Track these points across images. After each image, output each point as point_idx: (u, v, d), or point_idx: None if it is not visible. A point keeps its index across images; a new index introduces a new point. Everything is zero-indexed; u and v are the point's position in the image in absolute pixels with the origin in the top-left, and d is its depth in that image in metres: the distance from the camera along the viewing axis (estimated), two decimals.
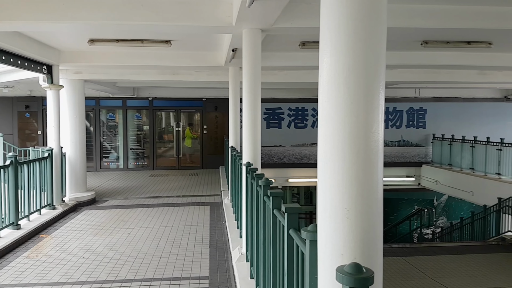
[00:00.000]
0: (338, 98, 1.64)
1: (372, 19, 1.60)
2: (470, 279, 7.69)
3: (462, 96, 15.87)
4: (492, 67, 10.13)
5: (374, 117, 1.63)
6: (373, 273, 1.36)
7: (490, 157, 12.18)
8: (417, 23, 5.77)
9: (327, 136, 1.68)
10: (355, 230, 1.61)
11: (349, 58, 1.61)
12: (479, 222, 11.39)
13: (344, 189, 1.63)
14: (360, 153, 1.62)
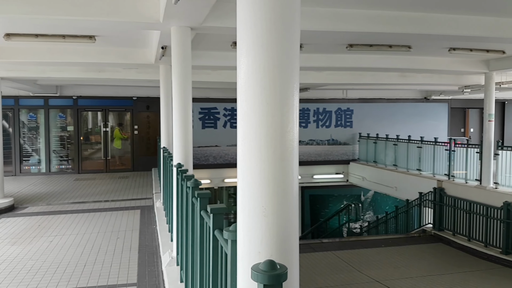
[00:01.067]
0: (254, 99, 1.65)
1: (285, 21, 1.63)
2: (394, 270, 8.21)
3: (386, 97, 16.93)
4: (412, 70, 10.92)
5: (289, 117, 1.66)
6: (287, 269, 1.37)
7: (411, 154, 13.11)
8: (341, 27, 6.03)
9: (245, 136, 1.68)
10: (272, 227, 1.61)
11: (264, 59, 1.62)
12: (402, 216, 12.21)
13: (261, 187, 1.63)
14: (276, 152, 1.63)
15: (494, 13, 6.17)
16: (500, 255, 8.70)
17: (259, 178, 1.62)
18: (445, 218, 10.59)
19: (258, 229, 1.62)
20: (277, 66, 1.62)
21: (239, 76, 1.72)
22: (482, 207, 9.38)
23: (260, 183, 1.62)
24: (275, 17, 1.60)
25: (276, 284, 1.34)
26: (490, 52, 8.81)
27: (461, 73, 11.39)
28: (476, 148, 10.62)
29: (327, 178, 16.54)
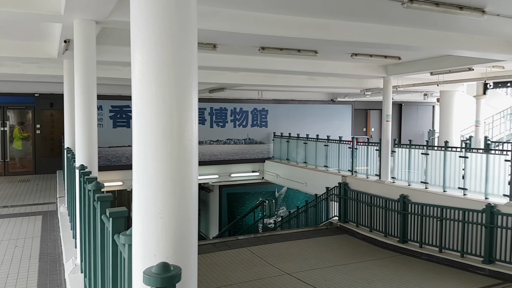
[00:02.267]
0: (150, 97, 1.62)
1: (180, 18, 1.62)
2: (304, 262, 8.63)
3: (297, 99, 17.73)
4: (319, 73, 11.57)
5: (187, 116, 1.66)
6: (181, 270, 1.38)
7: (319, 152, 13.91)
8: (252, 30, 6.17)
9: (141, 135, 1.65)
10: (168, 229, 1.61)
11: (160, 56, 1.60)
12: (312, 210, 12.89)
13: (157, 188, 1.61)
14: (173, 152, 1.62)
15: (390, 22, 6.77)
16: (398, 244, 9.61)
17: (155, 179, 1.60)
18: (349, 211, 11.40)
19: (154, 232, 1.60)
20: (174, 64, 1.61)
21: (134, 73, 1.67)
22: (382, 200, 10.28)
23: (156, 184, 1.60)
24: (170, 14, 1.58)
25: (168, 286, 1.33)
26: (387, 58, 9.69)
27: (363, 77, 12.34)
28: (376, 146, 11.58)
29: (244, 176, 16.84)
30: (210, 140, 16.30)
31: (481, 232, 8.02)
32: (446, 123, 15.08)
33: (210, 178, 16.12)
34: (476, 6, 5.51)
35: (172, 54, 1.62)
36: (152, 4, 1.60)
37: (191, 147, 1.69)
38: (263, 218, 15.35)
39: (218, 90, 14.43)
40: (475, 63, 9.43)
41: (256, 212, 15.11)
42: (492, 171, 8.47)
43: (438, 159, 9.56)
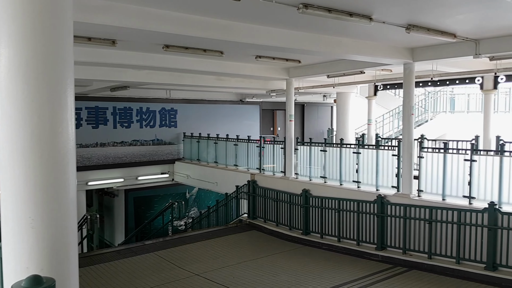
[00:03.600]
0: (17, 96, 1.47)
1: (52, 11, 1.51)
2: (213, 261, 8.66)
3: (207, 99, 17.69)
4: (226, 74, 11.69)
5: (62, 117, 1.55)
6: (54, 282, 1.29)
7: (229, 151, 14.07)
8: (153, 27, 6.00)
9: (6, 139, 1.49)
10: (42, 239, 1.49)
11: (27, 52, 1.47)
12: (222, 209, 12.99)
13: (27, 196, 1.48)
14: (44, 156, 1.50)
15: (290, 27, 7.10)
16: (301, 236, 10.13)
17: (24, 186, 1.47)
18: (257, 208, 11.73)
19: (25, 243, 1.47)
20: (44, 59, 1.48)
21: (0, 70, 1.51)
22: (286, 195, 10.75)
23: (25, 192, 1.47)
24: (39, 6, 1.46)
25: None
26: (289, 61, 10.15)
27: (268, 78, 12.76)
28: (281, 144, 12.08)
29: (152, 179, 16.30)
30: (114, 141, 15.49)
31: (373, 221, 8.81)
32: (342, 122, 16.29)
33: (114, 182, 15.30)
34: (364, 13, 6.01)
35: (42, 49, 1.49)
36: None
37: (66, 150, 1.58)
38: (173, 221, 15.04)
39: (120, 88, 13.77)
40: (366, 66, 10.33)
41: (165, 215, 14.74)
42: (381, 165, 9.36)
43: (335, 155, 10.29)
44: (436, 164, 8.35)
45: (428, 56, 8.57)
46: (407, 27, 6.50)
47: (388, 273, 7.66)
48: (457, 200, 7.95)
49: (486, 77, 11.14)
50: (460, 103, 16.67)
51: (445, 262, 7.62)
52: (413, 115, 9.77)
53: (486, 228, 7.11)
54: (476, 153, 7.93)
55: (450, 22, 6.53)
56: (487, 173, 7.62)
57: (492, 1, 5.26)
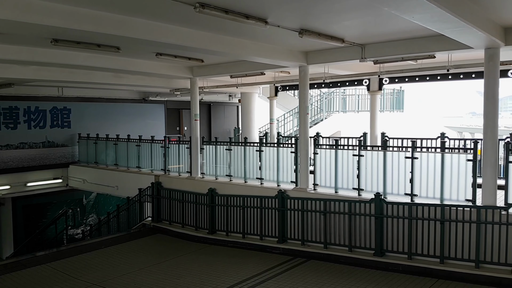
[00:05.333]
0: None
1: None
2: (113, 269, 8.22)
3: (106, 97, 16.69)
4: (125, 71, 11.15)
5: None
6: None
7: (131, 153, 13.47)
8: (37, 19, 5.49)
9: None
10: None
11: None
12: (124, 214, 12.39)
13: None
14: None
15: (190, 26, 7.02)
16: (207, 235, 10.12)
17: None
18: (162, 210, 11.43)
19: None
20: None
21: None
22: (192, 195, 10.65)
23: None
24: None
25: None
26: (191, 60, 10.04)
27: (171, 77, 12.49)
28: (187, 144, 11.92)
29: (44, 185, 14.89)
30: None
31: (275, 216, 9.16)
32: (247, 122, 16.66)
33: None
34: (260, 16, 6.20)
35: None
36: None
37: None
38: (68, 229, 13.92)
39: (4, 86, 12.34)
40: (266, 68, 10.69)
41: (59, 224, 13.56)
42: (282, 162, 9.78)
43: (240, 154, 10.49)
44: (329, 160, 8.97)
45: (321, 60, 9.16)
46: (300, 32, 6.87)
47: (288, 265, 8.03)
48: (348, 192, 8.64)
49: (372, 79, 12.25)
50: (351, 103, 18.16)
51: (339, 251, 8.22)
52: (309, 114, 10.38)
53: (373, 217, 7.83)
54: (363, 149, 8.69)
55: (338, 27, 7.05)
56: (373, 167, 8.40)
57: (374, 9, 5.78)
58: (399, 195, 8.00)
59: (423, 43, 7.72)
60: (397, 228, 7.62)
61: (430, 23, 5.33)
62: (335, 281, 7.03)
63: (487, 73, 7.01)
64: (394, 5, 4.44)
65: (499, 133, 7.22)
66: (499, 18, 6.31)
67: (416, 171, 7.81)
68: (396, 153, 8.18)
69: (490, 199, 6.91)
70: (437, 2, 4.35)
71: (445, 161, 7.49)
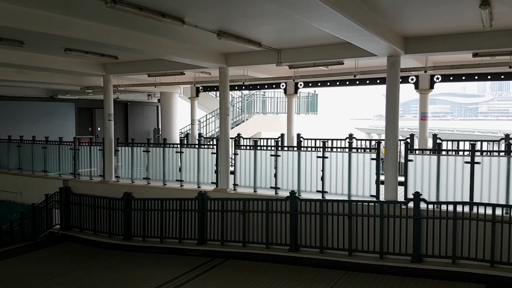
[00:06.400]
0: None
1: None
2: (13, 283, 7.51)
3: (8, 95, 15.20)
4: (30, 67, 10.27)
5: None
6: None
7: (37, 155, 12.39)
8: None
9: None
10: None
11: None
12: (29, 221, 11.38)
13: None
14: None
15: (103, 21, 6.66)
16: (123, 242, 9.68)
17: None
18: (72, 217, 10.70)
19: None
20: None
21: None
22: (106, 201, 10.12)
23: None
24: None
25: None
26: (104, 56, 9.54)
27: (81, 74, 11.76)
28: (99, 146, 11.29)
29: None
30: None
31: (195, 217, 9.07)
32: (167, 122, 16.28)
33: None
34: (176, 15, 6.10)
35: None
36: None
37: None
38: None
39: None
40: (186, 68, 10.55)
41: None
42: (203, 163, 9.72)
43: (159, 156, 10.21)
44: (249, 160, 9.14)
45: (240, 62, 9.30)
46: (218, 33, 6.91)
47: (207, 266, 8.02)
48: (266, 191, 8.88)
49: (288, 83, 12.75)
50: (270, 105, 18.68)
51: (257, 249, 8.40)
52: (229, 115, 10.47)
53: (288, 214, 8.13)
54: (280, 149, 8.99)
55: (255, 32, 7.22)
56: (289, 166, 8.73)
57: (288, 16, 6.00)
58: (312, 192, 8.42)
59: (333, 50, 8.22)
60: (309, 224, 7.99)
61: (338, 32, 5.70)
62: (252, 279, 7.17)
63: (389, 79, 7.67)
64: (304, 13, 4.67)
65: (403, 134, 7.94)
66: (399, 28, 6.94)
67: (327, 169, 8.29)
68: (309, 153, 8.59)
69: (392, 194, 7.57)
70: (344, 12, 4.67)
71: (352, 160, 8.05)
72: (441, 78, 10.80)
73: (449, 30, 7.03)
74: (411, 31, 7.12)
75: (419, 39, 7.43)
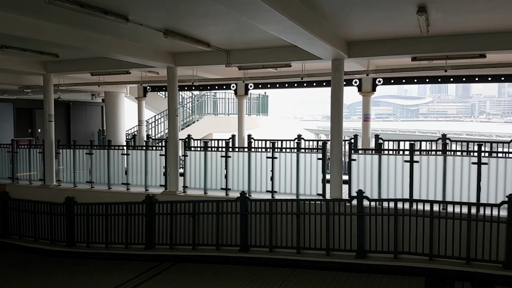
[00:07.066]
0: None
1: None
2: None
3: None
4: None
5: None
6: None
7: None
8: None
9: None
10: None
11: None
12: None
13: None
14: None
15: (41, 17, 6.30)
16: (65, 248, 9.21)
17: None
18: (10, 223, 10.06)
19: None
20: None
21: None
22: (47, 206, 9.59)
23: None
24: None
25: None
26: (44, 54, 9.04)
27: (20, 72, 11.07)
28: (39, 148, 10.68)
29: None
30: None
31: (142, 222, 8.83)
32: (112, 123, 15.68)
33: None
34: (120, 13, 5.90)
35: None
36: None
37: None
38: None
39: None
40: (132, 67, 10.21)
41: None
42: (150, 165, 9.49)
43: (103, 158, 9.84)
44: (199, 162, 9.05)
45: (188, 62, 9.18)
46: (165, 32, 6.77)
47: (155, 271, 7.83)
48: (217, 192, 8.84)
49: (239, 84, 12.77)
50: (222, 106, 18.63)
51: (207, 251, 8.33)
52: (179, 116, 10.31)
53: (239, 215, 8.14)
54: (231, 150, 9.00)
55: (202, 31, 7.16)
56: (239, 167, 8.75)
57: (235, 17, 5.97)
58: (262, 192, 8.51)
59: (281, 52, 8.35)
60: (260, 224, 8.06)
61: (284, 34, 5.80)
62: (201, 281, 7.10)
63: (333, 82, 7.92)
64: (251, 15, 4.71)
65: (349, 135, 8.21)
66: (343, 33, 7.19)
67: (276, 170, 8.41)
68: (259, 154, 8.66)
69: (337, 192, 7.82)
70: (289, 15, 4.76)
71: (300, 160, 8.23)
72: (383, 81, 11.33)
73: (389, 35, 7.38)
74: (354, 35, 7.40)
75: (362, 44, 7.73)
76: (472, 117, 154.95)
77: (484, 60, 8.23)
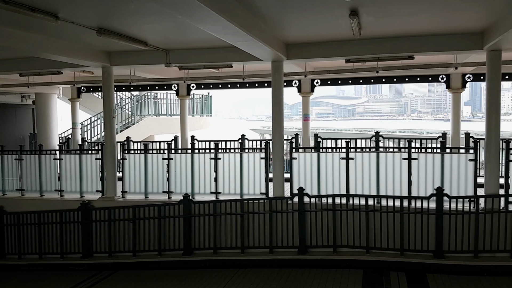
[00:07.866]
0: None
1: None
2: None
3: None
4: None
5: None
6: None
7: None
8: None
9: None
10: None
11: None
12: None
13: None
14: None
15: None
16: None
17: None
18: None
19: None
20: None
21: None
22: None
23: None
24: None
25: None
26: None
27: None
28: None
29: None
30: None
31: (78, 229, 8.38)
32: (44, 126, 14.71)
33: None
34: (49, 10, 5.57)
35: None
36: None
37: None
38: None
39: None
40: (64, 67, 9.65)
41: None
42: (86, 170, 9.04)
43: (34, 164, 9.23)
44: (138, 165, 8.77)
45: (125, 62, 8.86)
46: (98, 30, 6.49)
47: (93, 280, 7.49)
48: (158, 196, 8.63)
49: (180, 85, 12.55)
50: (163, 107, 18.19)
51: (149, 257, 8.09)
52: (116, 118, 9.91)
53: (182, 218, 7.99)
54: (174, 152, 8.80)
55: (138, 30, 6.94)
56: (182, 169, 8.61)
57: (172, 16, 5.87)
58: (206, 194, 8.44)
59: (222, 53, 8.33)
60: (204, 226, 7.98)
61: (223, 35, 5.79)
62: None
63: (274, 83, 8.05)
64: (187, 14, 4.64)
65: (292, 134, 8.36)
66: (281, 35, 7.32)
67: (220, 170, 8.38)
68: (202, 155, 8.58)
69: (279, 191, 7.96)
70: (227, 16, 4.76)
71: (244, 160, 8.27)
72: (320, 82, 11.71)
73: (324, 38, 7.64)
74: (292, 38, 7.57)
75: (299, 46, 7.93)
76: (405, 115, 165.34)
77: (413, 62, 8.77)
